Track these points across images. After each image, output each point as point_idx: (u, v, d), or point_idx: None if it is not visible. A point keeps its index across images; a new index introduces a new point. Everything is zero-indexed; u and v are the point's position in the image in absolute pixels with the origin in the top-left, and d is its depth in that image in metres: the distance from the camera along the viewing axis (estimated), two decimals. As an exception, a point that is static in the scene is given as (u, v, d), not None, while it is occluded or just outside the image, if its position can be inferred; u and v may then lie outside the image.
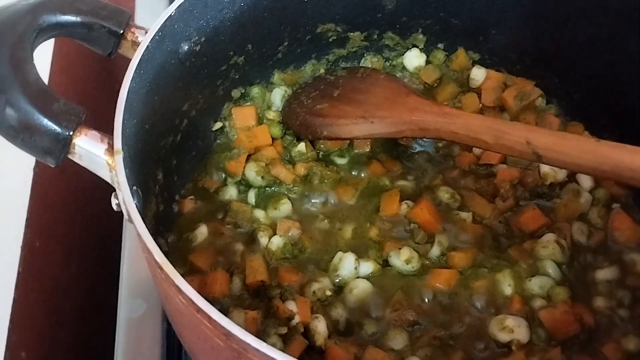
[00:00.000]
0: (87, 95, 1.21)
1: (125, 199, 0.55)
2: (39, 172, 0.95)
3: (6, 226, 0.89)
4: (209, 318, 0.47)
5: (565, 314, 0.69)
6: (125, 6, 1.21)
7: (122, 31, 0.67)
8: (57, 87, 1.04)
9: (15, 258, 0.86)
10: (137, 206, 0.58)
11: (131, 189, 0.57)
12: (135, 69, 0.64)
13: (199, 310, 0.48)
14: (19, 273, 0.85)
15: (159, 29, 0.68)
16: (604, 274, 0.74)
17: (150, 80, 0.67)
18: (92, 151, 0.58)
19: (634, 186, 0.63)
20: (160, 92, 0.70)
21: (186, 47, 0.74)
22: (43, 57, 1.02)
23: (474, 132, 0.71)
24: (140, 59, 0.65)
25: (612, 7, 0.78)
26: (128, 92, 0.62)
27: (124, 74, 0.63)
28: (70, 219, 1.10)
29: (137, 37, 0.68)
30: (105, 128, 0.61)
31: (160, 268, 0.50)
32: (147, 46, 0.66)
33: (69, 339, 1.01)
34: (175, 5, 0.70)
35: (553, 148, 0.65)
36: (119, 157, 0.56)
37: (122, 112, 0.59)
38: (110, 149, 0.59)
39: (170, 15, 0.69)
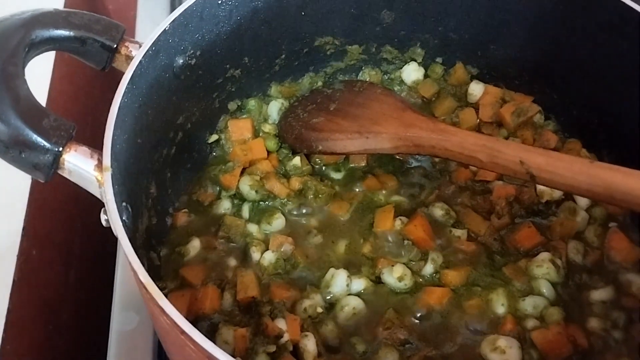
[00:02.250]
0: (86, 109, 1.21)
1: (112, 217, 0.54)
2: (37, 180, 0.95)
3: (2, 234, 0.89)
4: (193, 340, 0.47)
5: (558, 335, 0.68)
6: (125, 17, 1.22)
7: (115, 45, 0.67)
8: (56, 100, 1.04)
9: (10, 267, 0.86)
10: (125, 222, 0.58)
11: (120, 206, 0.57)
12: (127, 85, 0.64)
13: (183, 332, 0.48)
14: (14, 282, 0.85)
15: (153, 43, 0.68)
16: (599, 294, 0.73)
17: (143, 95, 0.67)
18: (81, 167, 0.58)
19: (627, 208, 0.62)
20: (154, 106, 0.70)
21: (181, 60, 0.74)
22: (44, 69, 1.03)
23: (468, 150, 0.71)
24: (133, 74, 0.65)
25: (612, 24, 0.77)
26: (119, 107, 0.62)
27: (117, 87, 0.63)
28: (68, 228, 1.10)
29: (131, 51, 0.68)
30: (97, 141, 0.61)
31: (145, 288, 0.50)
32: (140, 61, 0.66)
33: (64, 348, 1.01)
34: (169, 19, 0.70)
35: (546, 168, 0.64)
36: (108, 174, 0.56)
37: (112, 129, 0.59)
38: (100, 164, 0.59)
39: (165, 29, 0.69)
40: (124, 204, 0.59)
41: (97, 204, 0.66)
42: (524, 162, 0.66)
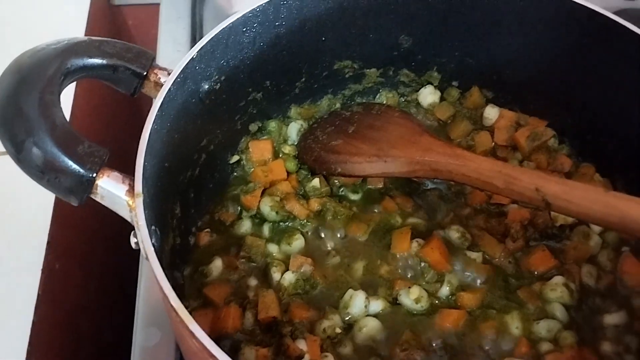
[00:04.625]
0: (107, 130, 1.24)
1: (144, 241, 0.57)
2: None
3: (28, 248, 0.91)
4: (221, 363, 0.49)
5: (571, 358, 0.69)
6: (146, 34, 1.24)
7: (145, 72, 0.69)
8: (78, 122, 1.07)
9: (35, 280, 0.88)
10: (154, 245, 0.60)
11: (150, 229, 0.59)
12: (158, 111, 0.66)
13: (212, 355, 0.50)
14: (38, 296, 0.88)
15: (181, 71, 0.70)
16: (612, 318, 0.74)
17: (171, 121, 0.70)
18: (113, 192, 0.61)
19: (640, 238, 0.63)
20: (181, 131, 0.73)
21: (206, 86, 0.76)
22: (66, 92, 1.05)
23: (485, 176, 0.72)
24: (162, 102, 0.67)
25: (628, 54, 0.78)
26: (150, 134, 0.64)
27: (139, 109, 0.65)
28: (88, 240, 1.13)
29: (159, 77, 0.70)
30: (122, 163, 0.63)
31: (175, 312, 0.52)
32: (169, 89, 0.68)
33: (86, 360, 1.03)
34: (197, 47, 0.72)
35: (562, 197, 0.66)
36: (139, 200, 0.59)
37: (143, 156, 0.62)
38: (131, 190, 0.61)
39: (192, 57, 0.72)
40: (153, 227, 0.61)
41: (115, 216, 0.69)
42: (540, 190, 0.67)
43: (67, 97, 1.05)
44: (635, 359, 0.72)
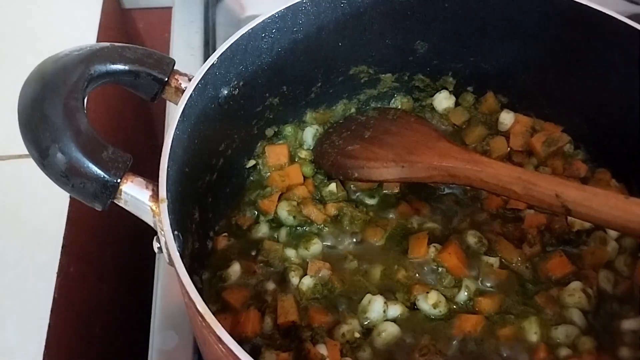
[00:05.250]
0: (119, 138, 1.24)
1: (169, 247, 0.57)
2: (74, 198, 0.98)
3: (43, 252, 0.92)
4: (249, 369, 0.49)
5: (590, 364, 0.70)
6: (156, 37, 1.24)
7: (166, 78, 0.70)
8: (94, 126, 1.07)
9: (50, 284, 0.89)
10: (178, 250, 0.60)
11: (173, 234, 0.60)
12: (180, 117, 0.66)
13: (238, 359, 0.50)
14: (54, 299, 0.88)
15: (202, 77, 0.70)
16: (630, 323, 0.74)
17: (192, 126, 0.70)
18: (137, 197, 0.61)
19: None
20: (200, 136, 0.73)
21: (226, 91, 0.76)
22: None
23: (503, 182, 0.73)
24: (184, 107, 0.67)
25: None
26: (173, 140, 0.64)
27: (150, 114, 0.65)
28: (102, 243, 1.13)
29: (180, 83, 0.71)
30: (140, 167, 0.64)
31: (202, 317, 0.52)
32: (191, 94, 0.68)
33: (101, 362, 1.04)
34: (217, 53, 0.73)
35: (582, 203, 0.66)
36: (164, 205, 0.59)
37: (166, 161, 0.62)
38: (155, 195, 0.61)
39: (213, 63, 0.72)
40: (175, 232, 0.62)
41: (129, 220, 0.69)
42: (560, 196, 0.68)
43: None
44: (653, 364, 0.72)
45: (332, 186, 0.85)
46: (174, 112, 0.67)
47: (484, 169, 0.74)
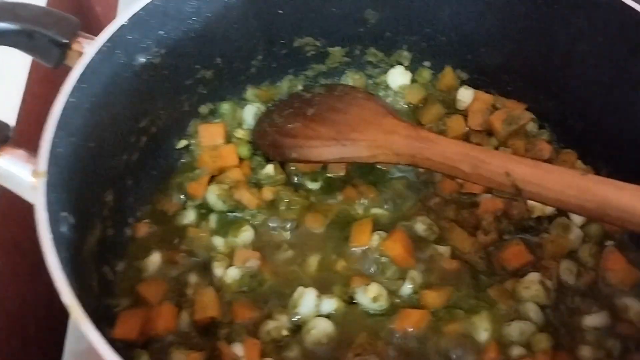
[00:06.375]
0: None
1: (40, 227, 0.49)
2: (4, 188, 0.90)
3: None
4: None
5: (545, 365, 0.62)
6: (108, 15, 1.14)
7: (67, 41, 0.62)
8: (31, 105, 1.00)
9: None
10: (64, 234, 0.52)
11: (57, 215, 0.52)
12: (76, 83, 0.58)
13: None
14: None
15: (108, 39, 0.63)
16: (593, 319, 0.68)
17: (97, 95, 0.62)
18: (15, 173, 0.53)
19: (621, 228, 0.56)
20: (110, 108, 0.65)
21: (143, 59, 0.68)
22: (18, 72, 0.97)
23: (450, 160, 0.65)
24: (83, 72, 0.60)
25: (610, 25, 0.71)
26: (64, 107, 0.56)
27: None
28: (34, 236, 1.05)
29: (84, 47, 0.62)
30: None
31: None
32: (93, 58, 0.61)
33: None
34: (129, 14, 0.65)
35: (533, 181, 0.59)
36: (42, 181, 0.51)
37: (53, 131, 0.54)
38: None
39: (123, 24, 0.64)
40: (64, 213, 0.54)
41: None
42: (510, 174, 0.60)
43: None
44: (617, 366, 0.64)
45: (269, 168, 0.77)
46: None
47: (430, 146, 0.67)
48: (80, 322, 0.43)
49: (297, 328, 0.66)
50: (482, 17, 0.80)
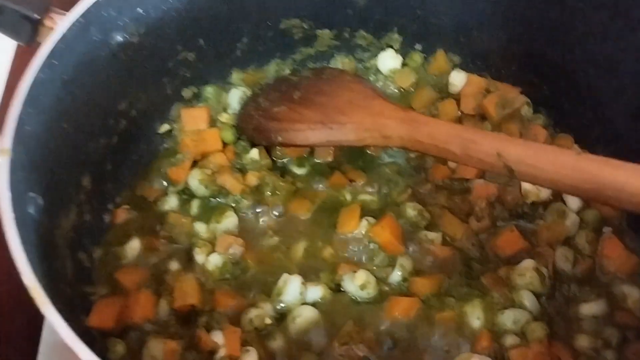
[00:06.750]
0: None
1: (1, 204, 0.46)
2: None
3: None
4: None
5: (540, 354, 0.60)
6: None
7: (39, 17, 0.59)
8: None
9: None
10: (31, 215, 0.50)
11: (24, 196, 0.49)
12: (47, 59, 0.56)
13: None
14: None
15: (82, 15, 0.60)
16: (590, 308, 0.65)
17: (69, 73, 0.60)
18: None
19: (618, 208, 0.53)
20: (85, 87, 0.63)
21: (120, 38, 0.66)
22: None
23: (440, 142, 0.62)
24: (54, 48, 0.57)
25: (607, 4, 0.69)
26: (33, 83, 0.54)
27: None
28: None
29: (57, 23, 0.60)
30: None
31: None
32: (64, 34, 0.58)
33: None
34: (104, -11, 0.62)
35: (526, 161, 0.56)
36: (5, 159, 0.48)
37: (20, 107, 0.52)
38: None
39: (97, 0, 0.61)
40: (31, 194, 0.51)
41: None
42: (502, 155, 0.58)
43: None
44: (615, 356, 0.62)
45: (254, 152, 0.74)
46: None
47: (419, 127, 0.64)
48: (41, 304, 0.41)
49: (282, 317, 0.64)
50: (474, 1, 0.77)
